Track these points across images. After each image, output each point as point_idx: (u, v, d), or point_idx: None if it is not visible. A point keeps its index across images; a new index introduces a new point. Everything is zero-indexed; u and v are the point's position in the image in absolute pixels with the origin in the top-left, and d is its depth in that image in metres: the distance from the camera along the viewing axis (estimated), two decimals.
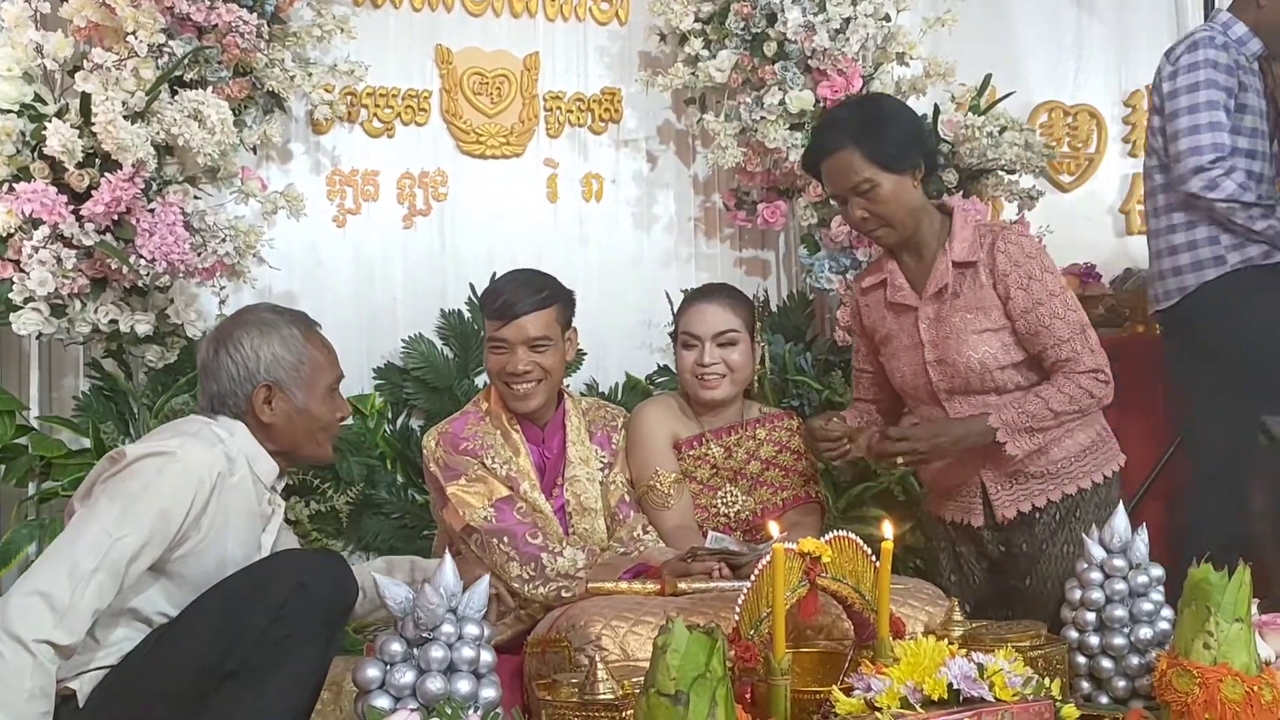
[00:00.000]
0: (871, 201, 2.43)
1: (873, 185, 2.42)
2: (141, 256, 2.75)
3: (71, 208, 2.71)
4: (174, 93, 2.85)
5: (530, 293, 2.55)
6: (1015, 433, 2.37)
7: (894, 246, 2.54)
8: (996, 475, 2.49)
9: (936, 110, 3.39)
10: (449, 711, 1.66)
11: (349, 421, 3.19)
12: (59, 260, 2.73)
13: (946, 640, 1.90)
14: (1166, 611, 2.09)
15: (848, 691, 1.81)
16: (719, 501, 2.70)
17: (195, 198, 2.90)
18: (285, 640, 1.83)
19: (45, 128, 2.70)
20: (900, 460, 2.47)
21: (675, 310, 2.84)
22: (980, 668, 1.78)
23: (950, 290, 2.47)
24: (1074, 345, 2.39)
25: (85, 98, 2.72)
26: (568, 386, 2.77)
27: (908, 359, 2.55)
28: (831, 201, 2.95)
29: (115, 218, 2.75)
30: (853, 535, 2.02)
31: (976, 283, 2.45)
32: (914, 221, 2.48)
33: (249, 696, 1.82)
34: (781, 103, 3.35)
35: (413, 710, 1.68)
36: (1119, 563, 2.11)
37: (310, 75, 3.11)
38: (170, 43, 2.83)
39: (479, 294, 2.91)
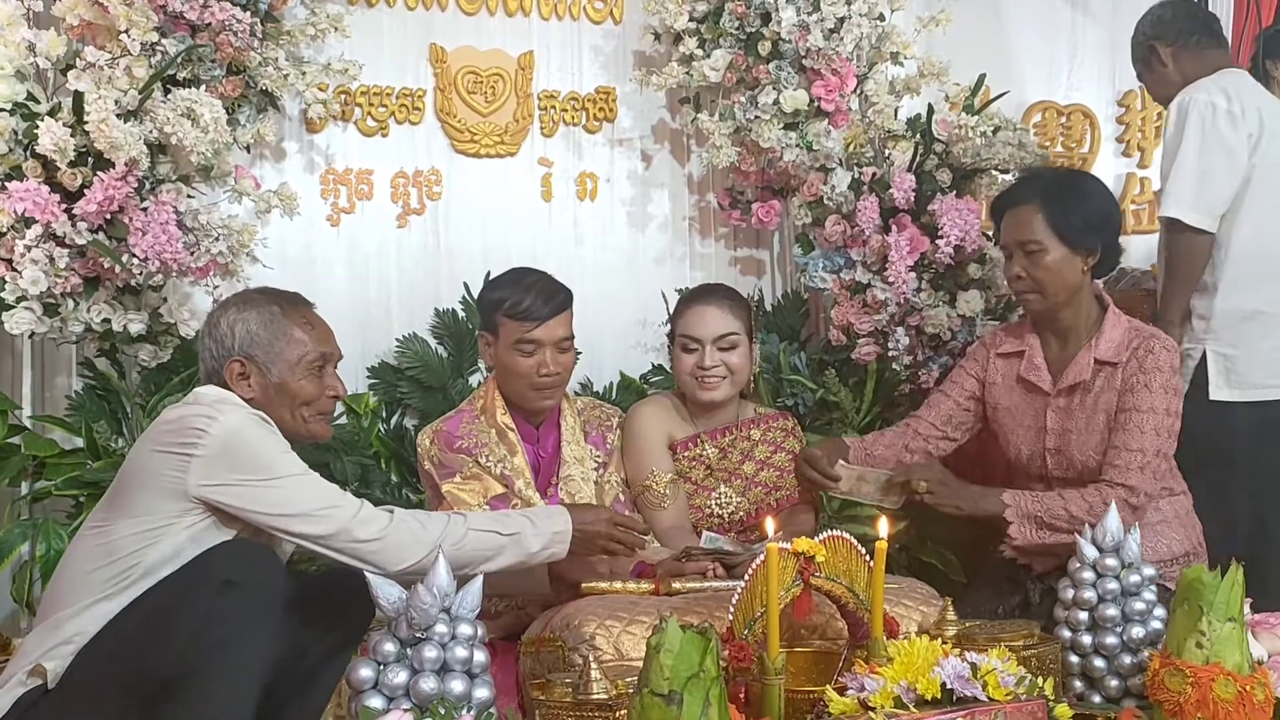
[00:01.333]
0: (1033, 264, 2.47)
1: (1041, 249, 2.46)
2: (134, 255, 2.74)
3: (64, 206, 2.70)
4: (167, 91, 2.84)
5: (553, 293, 2.58)
6: (1024, 519, 2.38)
7: (1037, 316, 2.55)
8: None
9: (930, 110, 3.39)
10: (442, 711, 1.66)
11: (343, 420, 3.21)
12: (51, 259, 2.72)
13: (940, 640, 1.91)
14: (1159, 611, 2.09)
15: (841, 691, 1.81)
16: (714, 502, 2.70)
17: (189, 196, 2.89)
18: (222, 643, 1.80)
19: (38, 126, 2.69)
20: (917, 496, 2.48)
21: (670, 311, 2.84)
22: (973, 667, 1.79)
23: (1085, 387, 2.48)
24: (1131, 459, 2.38)
25: (78, 96, 2.72)
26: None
27: (1026, 438, 2.57)
28: (998, 252, 2.96)
29: (108, 216, 2.74)
30: (847, 535, 2.02)
31: (1112, 384, 2.46)
32: (1066, 299, 2.49)
33: (195, 703, 1.79)
34: (776, 102, 3.35)
35: (406, 710, 1.68)
36: (1111, 562, 2.11)
37: (304, 74, 3.10)
38: (163, 41, 2.82)
39: (477, 294, 2.90)
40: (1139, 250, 3.76)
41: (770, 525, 2.05)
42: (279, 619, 1.90)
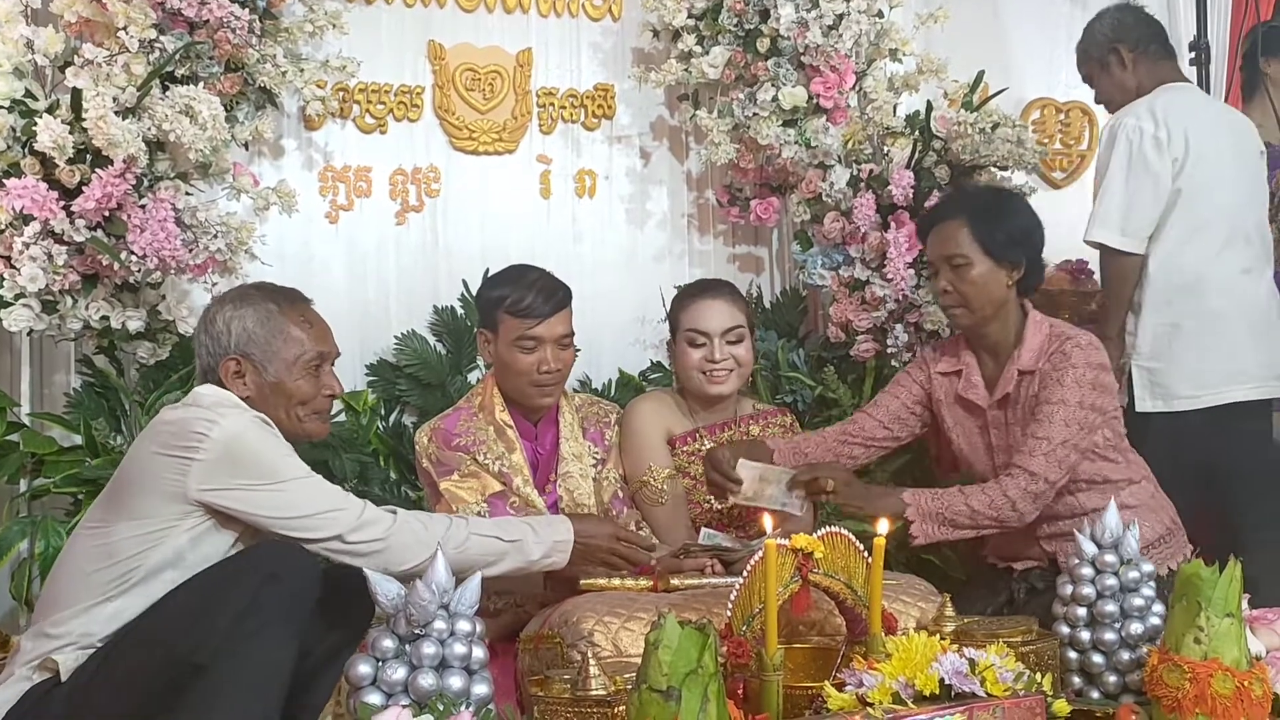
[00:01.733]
0: (959, 278, 2.49)
1: (966, 262, 2.49)
2: (133, 253, 2.74)
3: (62, 204, 2.70)
4: (165, 88, 2.84)
5: (554, 291, 2.59)
6: (924, 518, 2.38)
7: (965, 331, 2.57)
8: (1065, 558, 2.49)
9: (929, 107, 3.39)
10: (441, 708, 1.66)
11: (342, 418, 3.21)
12: (50, 256, 2.72)
13: (938, 636, 1.91)
14: (1157, 607, 2.09)
15: (840, 687, 1.81)
16: (713, 497, 2.70)
17: (187, 194, 2.89)
18: (258, 632, 1.82)
19: (36, 123, 2.68)
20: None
21: (669, 307, 2.84)
22: (972, 663, 1.79)
23: (1012, 398, 2.51)
24: (1036, 446, 2.40)
25: (76, 93, 2.71)
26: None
27: (976, 455, 2.61)
28: (925, 269, 3.04)
29: (106, 214, 2.74)
30: (845, 531, 2.03)
31: (1034, 390, 2.48)
32: (992, 314, 2.51)
33: (225, 690, 1.81)
34: (775, 99, 3.35)
35: (404, 707, 1.68)
36: (1110, 558, 2.11)
37: (302, 71, 3.09)
38: (161, 38, 2.82)
39: (476, 292, 2.90)
40: None
41: (768, 521, 2.04)
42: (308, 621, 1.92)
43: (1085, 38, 3.14)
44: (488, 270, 2.92)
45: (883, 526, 2.00)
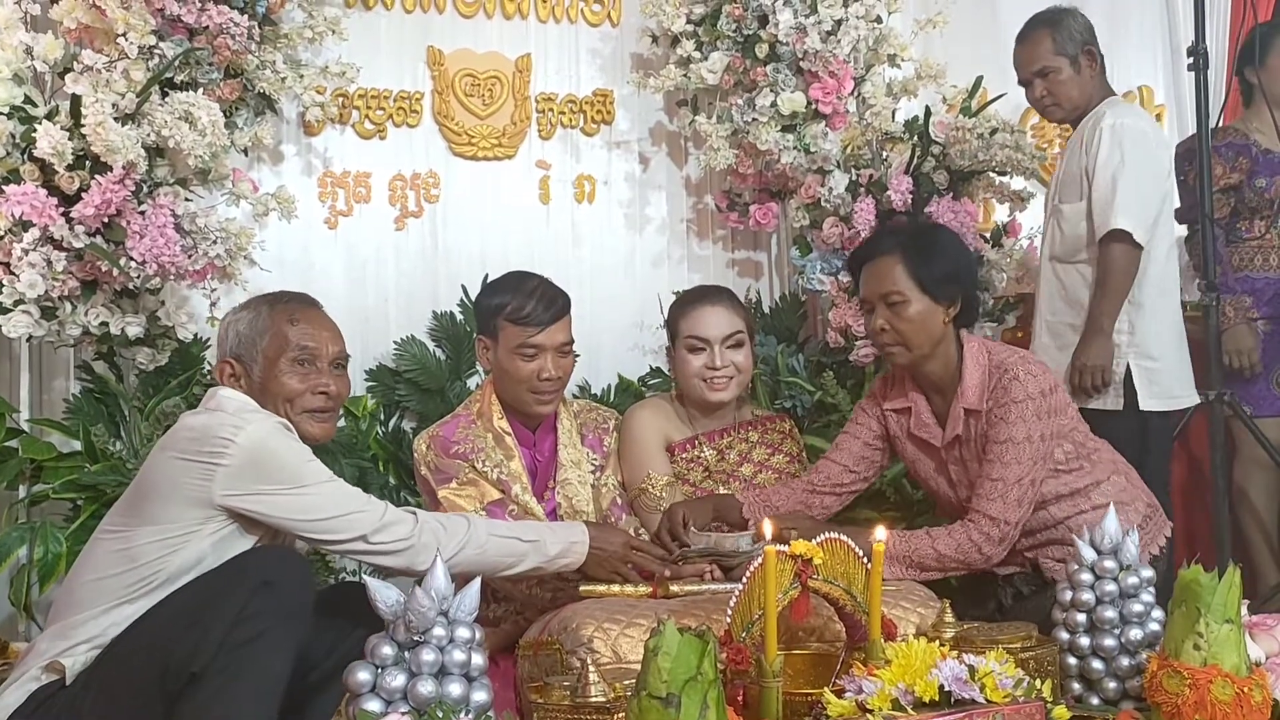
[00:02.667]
0: (896, 316, 2.43)
1: (903, 300, 2.42)
2: (132, 259, 2.75)
3: (62, 210, 2.71)
4: (165, 94, 2.84)
5: (554, 298, 2.58)
6: (892, 560, 2.35)
7: (904, 370, 2.53)
8: (1048, 563, 2.52)
9: (928, 112, 3.39)
10: (440, 715, 1.66)
11: (341, 423, 3.20)
12: (49, 263, 2.72)
13: (938, 642, 1.90)
14: (1157, 613, 2.09)
15: (839, 693, 1.81)
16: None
17: (186, 200, 2.89)
18: (252, 641, 1.81)
19: (35, 130, 2.69)
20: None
21: (667, 314, 2.84)
22: (971, 669, 1.79)
23: (964, 437, 2.48)
24: (991, 489, 2.37)
25: (75, 99, 2.72)
26: None
27: (941, 488, 2.58)
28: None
29: (106, 220, 2.74)
30: (844, 537, 2.02)
31: (981, 429, 2.45)
32: (930, 351, 2.46)
33: (221, 700, 1.80)
34: (773, 104, 3.35)
35: (404, 714, 1.67)
36: (1109, 564, 2.11)
37: (301, 77, 3.10)
38: (161, 44, 2.83)
39: (475, 299, 2.91)
40: None
41: (768, 527, 2.04)
42: (306, 628, 1.91)
43: (1061, 31, 3.02)
44: (487, 276, 2.93)
45: (880, 533, 2.00)
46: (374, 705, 1.70)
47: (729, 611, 1.92)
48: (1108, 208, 2.92)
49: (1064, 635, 2.12)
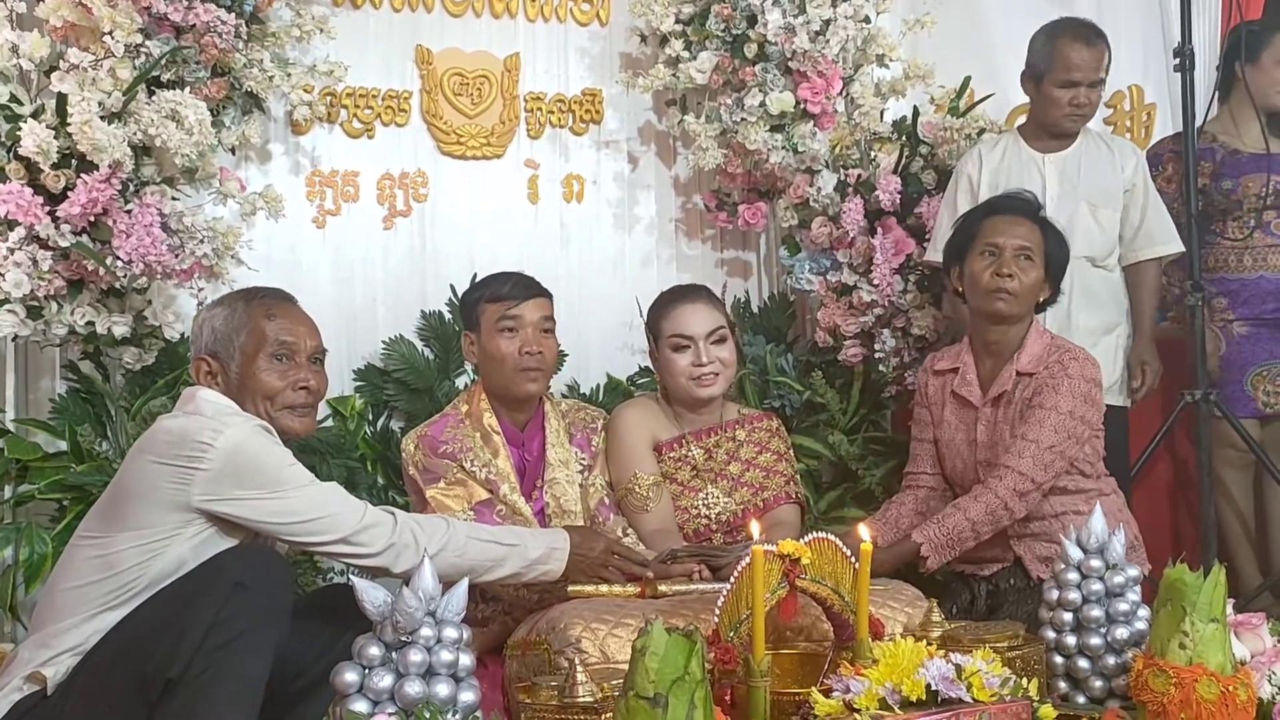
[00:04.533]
0: (1023, 272, 2.59)
1: (1032, 263, 2.61)
2: (119, 258, 2.73)
3: (47, 209, 2.69)
4: (151, 93, 2.83)
5: (532, 282, 2.65)
6: (937, 549, 2.49)
7: (992, 320, 2.65)
8: (1031, 558, 2.61)
9: (916, 112, 3.40)
10: (427, 715, 1.66)
11: (329, 423, 3.20)
12: (35, 262, 2.70)
13: (925, 641, 1.91)
14: (1143, 611, 2.10)
15: (827, 693, 1.82)
16: (700, 503, 2.70)
17: (173, 199, 2.88)
18: (229, 644, 1.80)
19: (20, 128, 2.67)
20: None
21: (647, 316, 2.84)
22: (958, 669, 1.79)
23: (1007, 398, 2.61)
24: (1025, 448, 2.52)
25: (61, 98, 2.70)
26: (548, 388, 2.77)
27: (960, 453, 2.69)
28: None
29: (92, 219, 2.73)
30: (832, 536, 2.03)
31: (1026, 394, 2.58)
32: (1022, 316, 2.64)
33: (200, 704, 1.78)
34: (762, 104, 3.35)
35: (391, 714, 1.67)
36: (1096, 563, 2.12)
37: (289, 76, 3.09)
38: (147, 43, 2.81)
39: (462, 295, 2.91)
40: None
41: (755, 528, 2.04)
42: (284, 629, 1.90)
43: (1096, 43, 3.09)
44: (475, 275, 2.92)
45: (865, 532, 2.00)
46: (361, 706, 1.70)
47: (717, 611, 1.93)
48: (1167, 232, 3.14)
49: (1050, 634, 2.13)
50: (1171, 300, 3.46)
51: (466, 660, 1.76)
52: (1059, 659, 2.12)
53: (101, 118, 2.69)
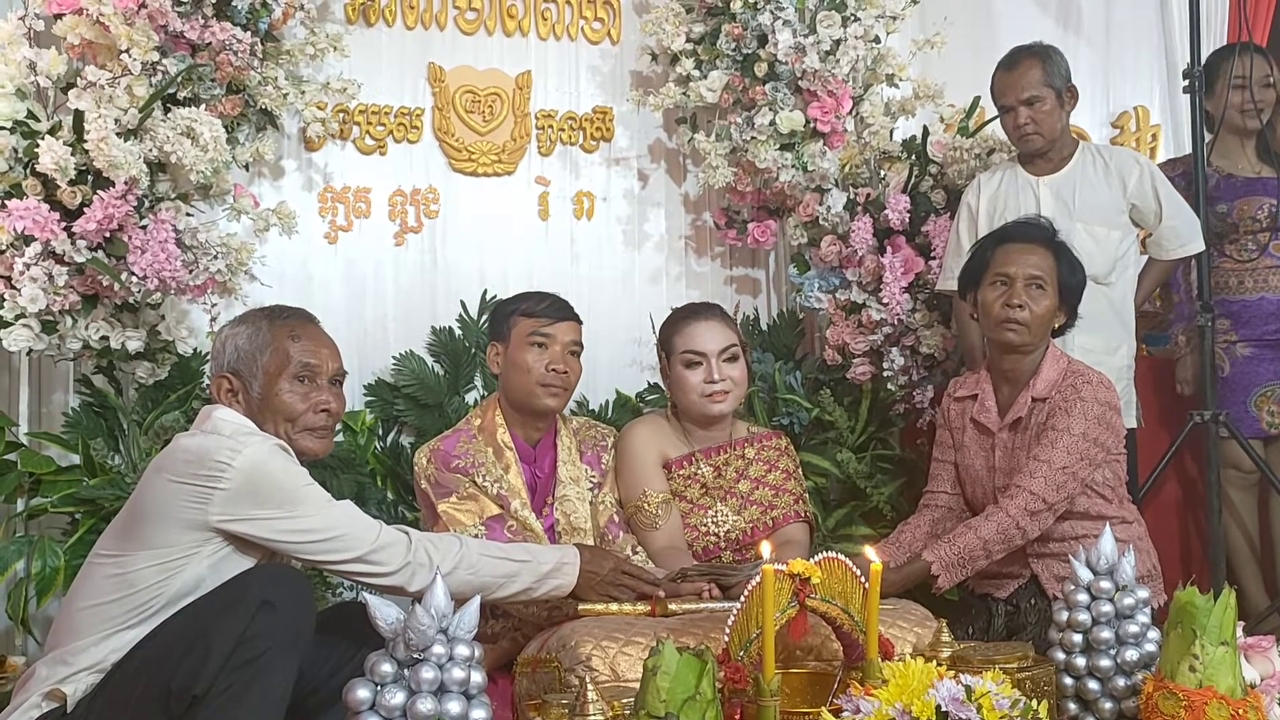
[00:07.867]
0: (1033, 301, 2.59)
1: (1043, 292, 2.60)
2: (133, 273, 2.75)
3: (63, 225, 2.71)
4: (167, 110, 2.86)
5: (568, 305, 2.69)
6: (948, 568, 2.48)
7: (1007, 349, 2.64)
8: (1048, 576, 2.61)
9: (925, 131, 3.41)
10: None
11: (340, 438, 3.21)
12: (50, 277, 2.72)
13: (935, 662, 1.91)
14: (1153, 634, 2.10)
15: (836, 713, 1.82)
16: (709, 520, 2.71)
17: (187, 214, 2.90)
18: (254, 661, 1.81)
19: (38, 145, 2.70)
20: None
21: (659, 333, 2.85)
22: (968, 689, 1.79)
23: (1022, 424, 2.62)
24: (1037, 468, 2.51)
25: (78, 115, 2.73)
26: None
27: (979, 478, 2.70)
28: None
29: (107, 235, 2.75)
30: (842, 556, 2.03)
31: (1041, 418, 2.59)
32: (1036, 343, 2.63)
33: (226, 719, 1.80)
34: (772, 123, 3.37)
35: None
36: (1106, 585, 2.12)
37: (303, 93, 3.12)
38: (164, 60, 2.84)
39: (494, 306, 2.93)
40: None
41: (766, 548, 2.05)
42: (308, 649, 1.91)
43: (1050, 63, 3.07)
44: (486, 291, 2.94)
45: (872, 553, 2.00)
46: None
47: (727, 630, 1.93)
48: (1186, 232, 3.14)
49: (1060, 655, 2.13)
50: (1168, 324, 3.49)
51: (478, 678, 1.76)
52: (1069, 680, 2.11)
53: (118, 134, 2.71)
